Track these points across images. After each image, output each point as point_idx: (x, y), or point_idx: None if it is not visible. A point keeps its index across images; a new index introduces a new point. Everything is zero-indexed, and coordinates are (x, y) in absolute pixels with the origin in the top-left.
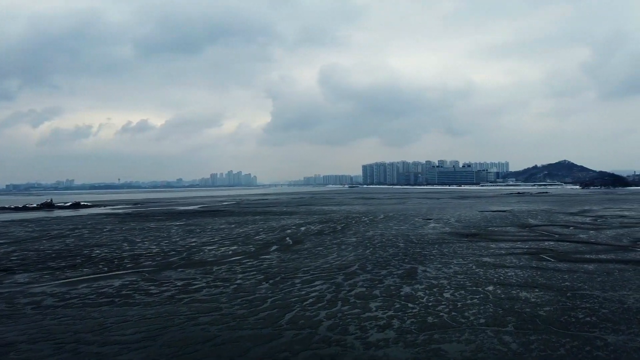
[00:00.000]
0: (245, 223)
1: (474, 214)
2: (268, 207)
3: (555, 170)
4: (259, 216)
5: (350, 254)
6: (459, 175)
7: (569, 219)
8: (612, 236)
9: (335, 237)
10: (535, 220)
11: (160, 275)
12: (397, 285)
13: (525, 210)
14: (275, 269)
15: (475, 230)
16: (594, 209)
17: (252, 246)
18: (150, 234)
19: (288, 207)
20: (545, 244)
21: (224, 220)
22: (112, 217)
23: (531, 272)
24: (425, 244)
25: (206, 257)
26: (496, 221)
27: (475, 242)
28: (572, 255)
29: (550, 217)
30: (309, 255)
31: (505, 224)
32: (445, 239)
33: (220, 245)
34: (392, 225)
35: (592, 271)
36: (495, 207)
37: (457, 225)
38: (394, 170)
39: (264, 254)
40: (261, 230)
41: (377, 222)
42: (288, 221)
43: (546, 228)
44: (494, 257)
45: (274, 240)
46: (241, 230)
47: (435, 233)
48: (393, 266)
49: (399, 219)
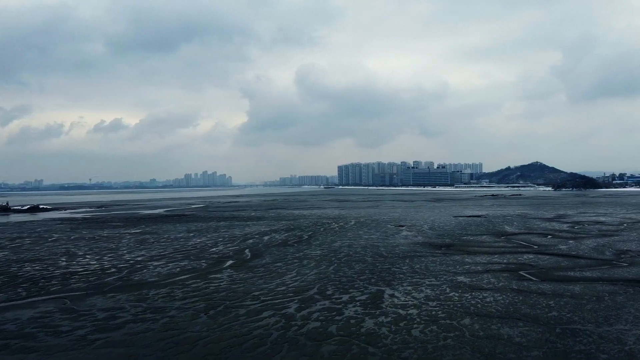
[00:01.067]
0: (207, 231)
1: (448, 219)
2: (236, 211)
3: (528, 171)
4: (224, 222)
5: (311, 271)
6: (433, 176)
7: (545, 226)
8: (594, 247)
9: (299, 249)
10: (512, 227)
11: (84, 304)
12: (359, 318)
13: (500, 215)
14: (221, 293)
15: (450, 240)
16: (569, 214)
17: (204, 261)
18: (97, 245)
19: (257, 211)
20: (524, 257)
21: (184, 227)
22: (67, 223)
23: (512, 296)
24: (395, 257)
25: (147, 277)
26: (471, 228)
27: (450, 256)
28: (554, 273)
29: (526, 223)
30: (265, 274)
31: (480, 231)
32: (417, 251)
33: (169, 261)
34: (362, 234)
35: (579, 295)
36: (470, 211)
37: (430, 233)
38: (369, 171)
39: (214, 272)
40: (220, 241)
41: (346, 229)
42: (253, 228)
43: (523, 237)
44: (470, 276)
45: (231, 254)
46: (199, 240)
47: (407, 243)
48: (357, 289)
49: (370, 226)
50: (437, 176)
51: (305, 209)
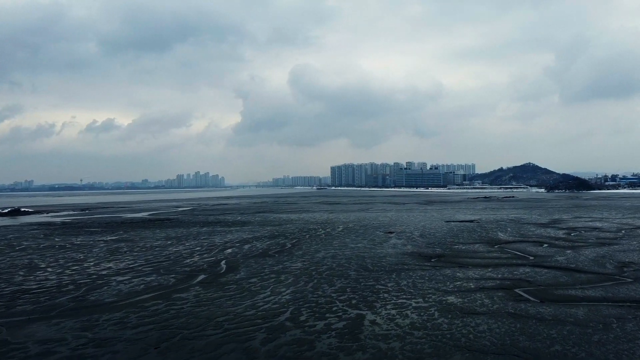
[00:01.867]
0: (187, 238)
1: (439, 225)
2: (222, 215)
3: (521, 172)
4: (206, 228)
5: (287, 289)
6: (426, 177)
7: (540, 233)
8: (593, 259)
9: (279, 261)
10: (505, 234)
11: (21, 333)
12: (332, 354)
13: (493, 220)
14: (181, 319)
15: (440, 250)
16: (564, 218)
17: (173, 276)
18: (64, 256)
19: (244, 215)
20: (520, 270)
21: (164, 234)
22: (43, 228)
23: (509, 324)
24: (381, 271)
25: (105, 297)
26: (463, 235)
27: (440, 269)
28: (554, 291)
29: (521, 229)
30: (235, 293)
31: (473, 239)
32: (405, 263)
33: (135, 275)
34: (348, 242)
35: (584, 321)
36: (462, 215)
37: (420, 241)
38: (362, 172)
39: (181, 291)
40: (198, 250)
41: (333, 236)
42: (235, 235)
43: (518, 246)
44: (461, 295)
45: (205, 266)
46: (175, 249)
47: (395, 254)
48: (335, 313)
49: (358, 232)
50: (429, 177)
51: (293, 212)
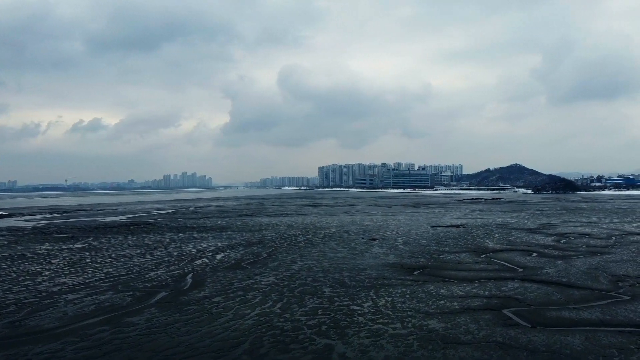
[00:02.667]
0: (158, 246)
1: (424, 230)
2: (203, 219)
3: (507, 173)
4: (182, 234)
5: (253, 311)
6: (414, 178)
7: (529, 240)
8: (586, 271)
9: (250, 274)
10: (493, 241)
11: None
12: None
13: (480, 225)
14: (124, 352)
15: (424, 260)
16: (552, 223)
17: (131, 294)
18: (20, 268)
19: (224, 219)
20: (509, 286)
21: (135, 241)
22: (10, 234)
23: (497, 357)
24: (358, 287)
25: (46, 322)
26: (449, 243)
27: (422, 284)
28: (546, 313)
29: (508, 235)
30: (194, 317)
31: (459, 247)
32: (386, 277)
33: (89, 292)
34: (327, 251)
35: (581, 353)
36: (449, 219)
37: (404, 250)
38: (349, 173)
39: (133, 313)
40: (166, 261)
41: (313, 244)
42: (210, 243)
43: (506, 256)
44: (444, 319)
45: (168, 281)
46: (142, 260)
47: (376, 265)
48: (300, 343)
49: (339, 239)
50: (417, 178)
51: (276, 215)
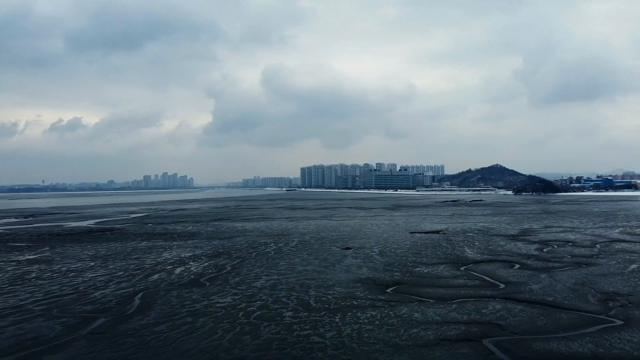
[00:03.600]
0: (116, 257)
1: (403, 237)
2: (173, 224)
3: (488, 174)
4: (147, 242)
5: (196, 346)
6: (395, 179)
7: (510, 248)
8: (572, 287)
9: (206, 294)
10: (473, 250)
11: None
12: None
13: (461, 231)
14: None
15: (399, 275)
16: (534, 228)
17: (64, 320)
18: None
19: (196, 225)
20: (490, 307)
21: (93, 251)
22: None
23: None
24: (324, 311)
25: None
26: (427, 253)
27: (395, 306)
28: (532, 345)
29: (489, 242)
30: (127, 354)
31: (437, 258)
32: (356, 296)
33: (17, 319)
34: (297, 263)
35: None
36: (429, 224)
37: (378, 262)
38: (332, 173)
39: (58, 348)
40: (119, 276)
41: (283, 254)
42: (174, 253)
43: (487, 268)
44: (417, 353)
45: (112, 303)
46: (92, 275)
47: (347, 281)
48: None
49: (312, 248)
50: (399, 179)
51: (252, 220)
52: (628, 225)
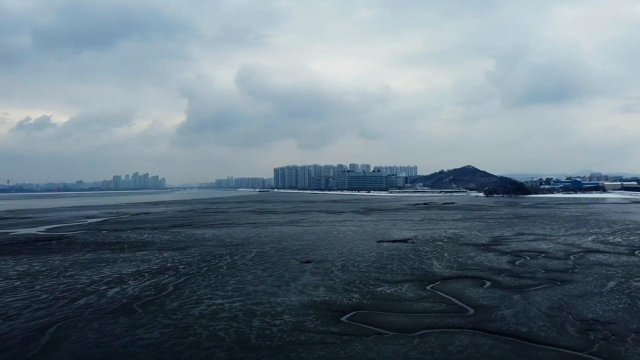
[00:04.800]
0: (48, 274)
1: (369, 247)
2: (129, 232)
3: (460, 175)
4: (92, 254)
5: None
6: (369, 180)
7: (481, 260)
8: (547, 313)
9: (133, 326)
10: (441, 263)
11: None
12: None
13: (430, 239)
14: None
15: (358, 296)
16: (505, 236)
17: None
18: None
19: (154, 232)
20: (457, 342)
21: (26, 266)
22: None
23: None
24: (264, 350)
25: None
26: (392, 267)
27: (347, 343)
28: None
29: (459, 254)
30: None
31: (402, 274)
32: (305, 327)
33: None
34: (249, 282)
35: None
36: (397, 231)
37: (339, 279)
38: (305, 174)
39: None
40: (40, 300)
41: (237, 269)
42: (116, 268)
43: (455, 287)
44: None
45: (15, 342)
46: (11, 298)
47: (299, 305)
48: None
49: (270, 261)
50: (372, 180)
51: (214, 226)
52: (600, 232)
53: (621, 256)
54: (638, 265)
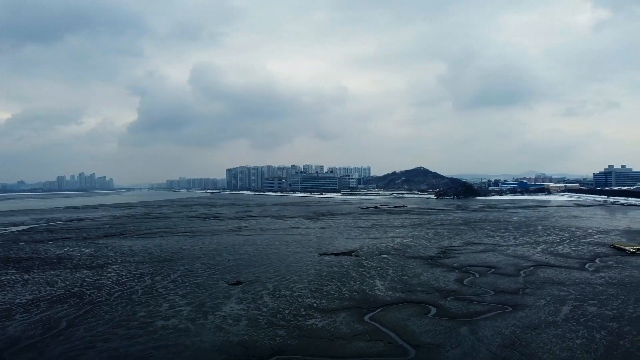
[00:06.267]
0: None
1: (309, 262)
2: (50, 243)
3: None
4: None
5: None
6: (322, 181)
7: (427, 278)
8: (499, 352)
9: None
10: (385, 283)
11: None
12: None
13: (376, 251)
14: None
15: (284, 334)
16: (454, 247)
17: None
18: None
19: (78, 244)
20: None
21: None
22: None
23: None
24: None
25: None
26: (330, 290)
27: None
28: None
29: (404, 271)
30: None
31: (340, 299)
32: None
33: None
34: (160, 314)
35: None
36: (344, 239)
37: (266, 308)
38: (258, 175)
39: None
40: None
41: (152, 295)
42: (8, 296)
43: (396, 316)
44: None
45: None
46: None
47: (210, 350)
48: None
49: (194, 284)
50: (325, 181)
51: (148, 236)
52: (549, 241)
53: (572, 271)
54: (590, 283)
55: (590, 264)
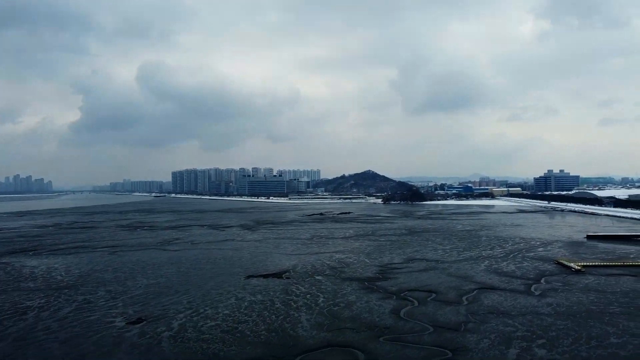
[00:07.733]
0: None
1: (231, 288)
2: None
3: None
4: None
5: None
6: (270, 185)
7: (359, 310)
8: None
9: None
10: (311, 318)
11: None
12: None
13: (310, 271)
14: None
15: None
16: (394, 264)
17: None
18: None
19: None
20: None
21: None
22: None
23: None
24: None
25: None
26: (246, 328)
27: None
28: None
29: (336, 299)
30: None
31: (254, 343)
32: None
33: None
34: None
35: None
36: (280, 254)
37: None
38: (205, 178)
39: None
40: None
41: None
42: None
43: None
44: None
45: None
46: None
47: None
48: None
49: (84, 323)
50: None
51: (62, 252)
52: (492, 256)
53: (517, 296)
54: (537, 312)
55: (536, 285)
